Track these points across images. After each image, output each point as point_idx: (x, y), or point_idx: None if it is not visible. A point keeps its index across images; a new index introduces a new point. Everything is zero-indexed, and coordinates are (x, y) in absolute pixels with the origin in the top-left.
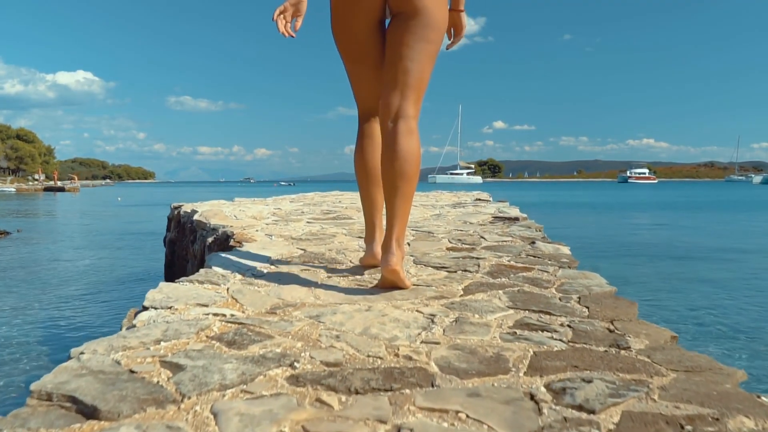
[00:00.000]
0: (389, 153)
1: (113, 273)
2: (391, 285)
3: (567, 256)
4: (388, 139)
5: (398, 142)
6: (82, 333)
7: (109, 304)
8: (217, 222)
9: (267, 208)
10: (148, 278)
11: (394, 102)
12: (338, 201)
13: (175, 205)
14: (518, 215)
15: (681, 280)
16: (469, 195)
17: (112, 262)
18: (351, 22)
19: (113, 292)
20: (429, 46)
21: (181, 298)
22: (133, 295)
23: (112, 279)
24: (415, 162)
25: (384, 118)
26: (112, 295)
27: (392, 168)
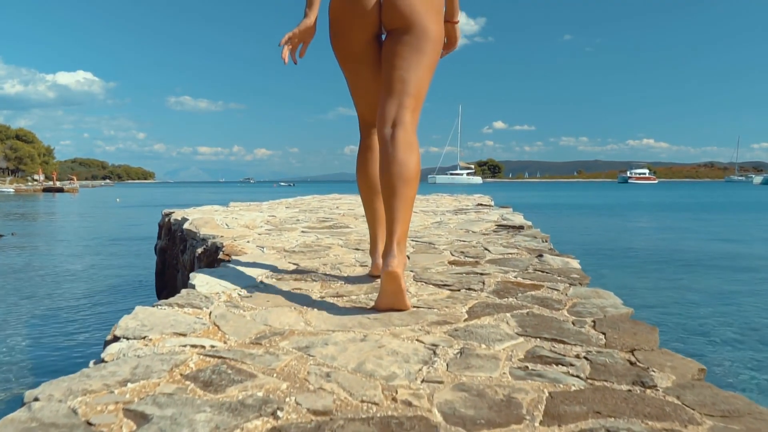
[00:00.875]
0: (387, 159)
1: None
2: (389, 304)
3: (577, 271)
4: (385, 147)
5: (396, 149)
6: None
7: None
8: (207, 232)
9: (261, 215)
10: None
11: (390, 111)
12: (335, 207)
13: (166, 211)
14: (523, 223)
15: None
16: (471, 199)
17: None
18: (348, 36)
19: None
20: (424, 57)
21: (157, 326)
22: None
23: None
24: (414, 167)
25: (381, 126)
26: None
27: (390, 172)
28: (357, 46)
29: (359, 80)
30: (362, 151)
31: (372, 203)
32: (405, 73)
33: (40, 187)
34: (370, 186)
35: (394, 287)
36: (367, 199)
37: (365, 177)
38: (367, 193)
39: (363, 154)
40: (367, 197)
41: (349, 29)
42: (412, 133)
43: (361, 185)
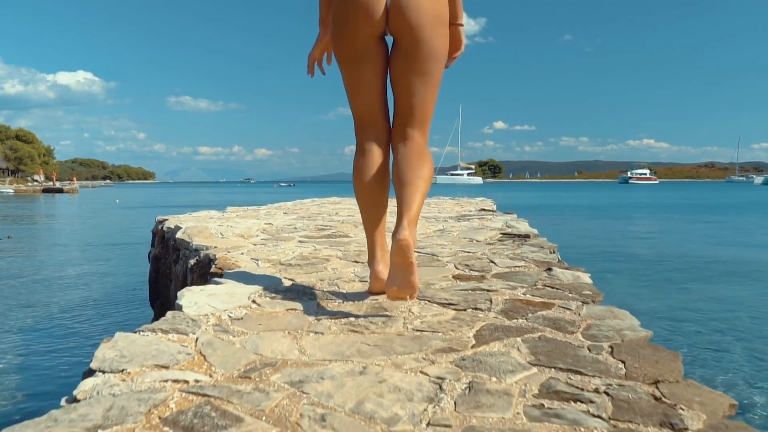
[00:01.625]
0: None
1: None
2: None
3: (589, 287)
4: (397, 157)
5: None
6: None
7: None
8: (200, 242)
9: (257, 223)
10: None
11: (402, 129)
12: (334, 213)
13: (159, 218)
14: (528, 231)
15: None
16: (473, 203)
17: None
18: (353, 37)
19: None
20: (432, 78)
21: (137, 357)
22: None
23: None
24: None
25: (394, 141)
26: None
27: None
28: (361, 47)
29: (360, 82)
30: (359, 154)
31: (369, 208)
32: (415, 99)
33: (39, 187)
34: (367, 191)
35: (403, 261)
36: (364, 204)
37: (362, 182)
38: (364, 198)
39: (359, 159)
40: (364, 202)
41: (354, 31)
42: (424, 145)
43: (357, 190)
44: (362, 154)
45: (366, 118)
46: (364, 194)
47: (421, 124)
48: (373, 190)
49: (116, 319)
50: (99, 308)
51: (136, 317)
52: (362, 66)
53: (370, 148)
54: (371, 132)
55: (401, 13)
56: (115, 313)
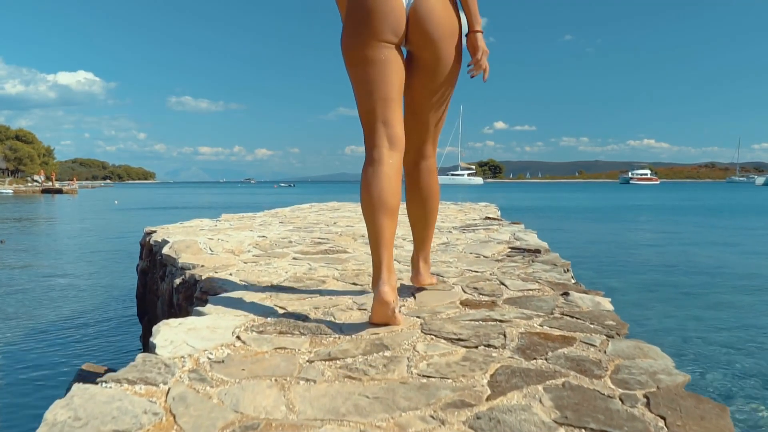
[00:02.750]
0: (415, 191)
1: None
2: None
3: (611, 316)
4: (412, 180)
5: (422, 181)
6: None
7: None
8: (187, 259)
9: (251, 235)
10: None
11: (416, 145)
12: (333, 222)
13: (147, 229)
14: (538, 245)
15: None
16: (476, 209)
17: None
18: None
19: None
20: (449, 89)
21: (93, 420)
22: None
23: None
24: (437, 197)
25: (407, 158)
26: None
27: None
28: (380, 53)
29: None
30: (368, 165)
31: (376, 222)
32: (431, 113)
33: (39, 188)
34: (375, 203)
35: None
36: (372, 219)
37: (370, 194)
38: (372, 208)
39: (368, 169)
40: (371, 216)
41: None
42: (434, 162)
43: (365, 202)
44: (371, 164)
45: (380, 124)
46: (373, 209)
47: (435, 139)
48: (383, 202)
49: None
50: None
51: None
52: (382, 72)
53: (381, 159)
54: (384, 139)
55: (422, 26)
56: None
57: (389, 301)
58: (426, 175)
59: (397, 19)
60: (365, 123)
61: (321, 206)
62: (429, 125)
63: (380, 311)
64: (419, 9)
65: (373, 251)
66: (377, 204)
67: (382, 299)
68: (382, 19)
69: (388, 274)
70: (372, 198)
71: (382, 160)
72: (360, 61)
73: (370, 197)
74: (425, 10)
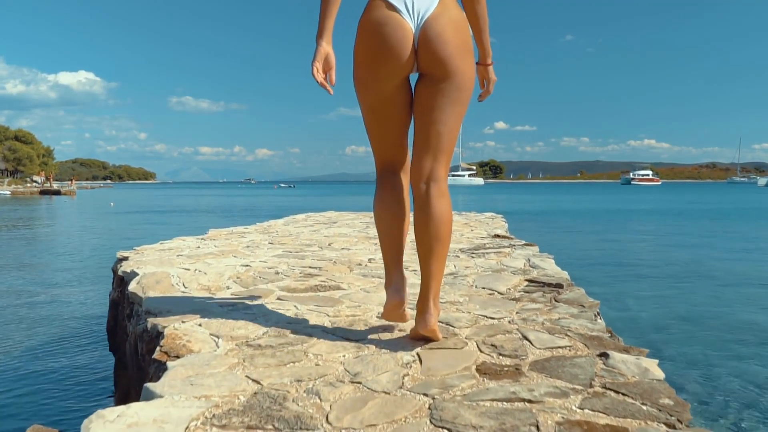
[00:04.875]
0: (424, 216)
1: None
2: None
3: (665, 390)
4: (421, 202)
5: (432, 206)
6: None
7: (10, 414)
8: (153, 300)
9: (234, 263)
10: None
11: (426, 165)
12: (328, 243)
13: (120, 254)
14: (558, 277)
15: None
16: (482, 221)
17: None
18: (379, 80)
19: (24, 389)
20: (460, 108)
21: None
22: (53, 395)
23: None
24: (449, 224)
25: (416, 180)
26: (21, 394)
27: (427, 232)
28: (389, 87)
29: (386, 124)
30: (380, 190)
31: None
32: (442, 127)
33: (37, 189)
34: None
35: (432, 337)
36: (385, 236)
37: (383, 219)
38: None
39: (381, 194)
40: (385, 234)
41: (383, 72)
42: (445, 184)
43: (379, 224)
44: (384, 190)
45: (388, 158)
46: (386, 228)
47: (448, 159)
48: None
49: (69, 372)
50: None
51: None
52: (390, 109)
53: (395, 185)
54: (394, 167)
55: (431, 48)
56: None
57: (401, 302)
58: (437, 199)
59: (407, 49)
60: (375, 150)
61: (317, 217)
62: (440, 146)
63: (392, 313)
64: (427, 33)
65: (385, 260)
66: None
67: (393, 302)
68: (392, 54)
69: (399, 278)
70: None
71: (395, 187)
72: (372, 96)
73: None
74: (433, 33)
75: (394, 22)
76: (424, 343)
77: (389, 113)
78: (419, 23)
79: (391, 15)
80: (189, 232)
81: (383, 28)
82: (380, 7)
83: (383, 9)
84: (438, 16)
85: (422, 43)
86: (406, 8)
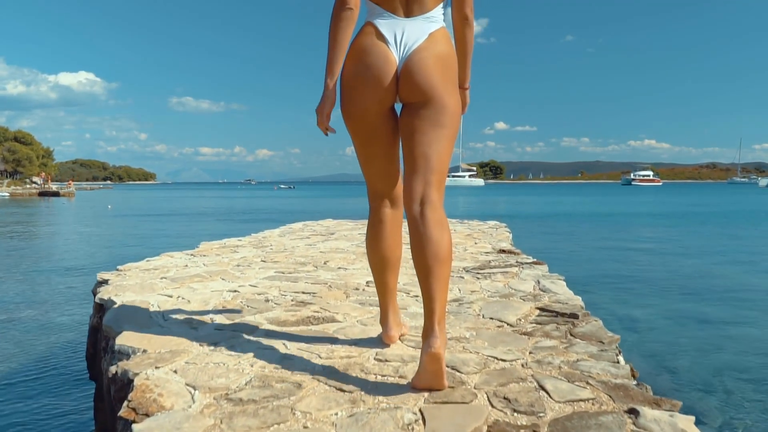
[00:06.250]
0: (419, 240)
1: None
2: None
3: None
4: (416, 227)
5: (428, 229)
6: None
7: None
8: (127, 338)
9: (221, 288)
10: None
11: (417, 189)
12: (323, 261)
13: (101, 276)
14: (572, 305)
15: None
16: (486, 232)
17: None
18: (363, 107)
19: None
20: (444, 130)
21: None
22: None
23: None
24: (447, 246)
25: (408, 203)
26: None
27: (424, 255)
28: (372, 116)
29: (373, 151)
30: (372, 224)
31: (382, 276)
32: (427, 149)
33: (36, 190)
34: (382, 259)
35: (435, 368)
36: (378, 273)
37: (376, 250)
38: (378, 266)
39: (374, 227)
40: (377, 270)
41: (365, 100)
42: (441, 209)
43: (371, 258)
44: (377, 223)
45: (381, 186)
46: (379, 262)
47: (439, 182)
48: (388, 258)
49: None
50: (23, 388)
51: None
52: (375, 137)
53: (385, 218)
54: (385, 199)
55: (410, 79)
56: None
57: (395, 339)
58: (431, 221)
59: (388, 79)
60: (367, 180)
61: (314, 226)
62: (429, 168)
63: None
64: (408, 65)
65: (380, 296)
66: (384, 262)
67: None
68: (373, 83)
69: (394, 317)
70: (378, 256)
71: (386, 220)
72: (356, 125)
73: (377, 256)
74: (414, 65)
75: (379, 51)
76: (426, 397)
77: (374, 141)
78: (404, 55)
79: (378, 44)
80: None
81: (367, 57)
82: (370, 34)
83: (372, 37)
84: (423, 49)
85: (403, 74)
86: (394, 39)
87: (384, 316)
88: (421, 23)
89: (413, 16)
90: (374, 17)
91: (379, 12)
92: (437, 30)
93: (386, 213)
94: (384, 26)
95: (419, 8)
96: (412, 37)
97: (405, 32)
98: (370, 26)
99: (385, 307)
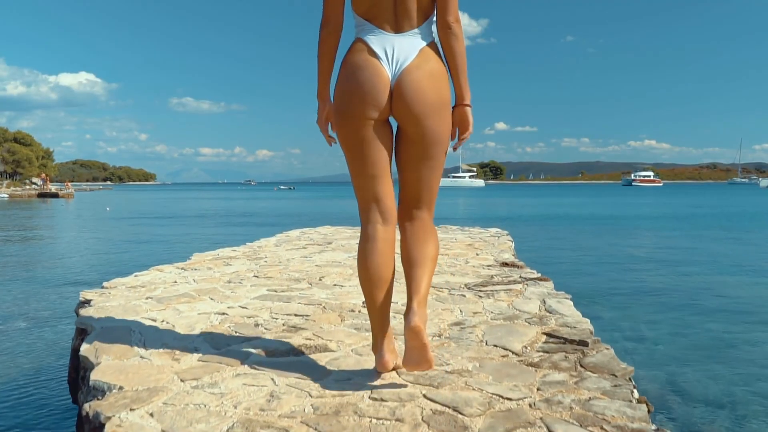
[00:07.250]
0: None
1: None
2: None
3: None
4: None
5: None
6: None
7: None
8: (102, 373)
9: (210, 310)
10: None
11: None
12: (320, 275)
13: (84, 296)
14: (583, 330)
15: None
16: (487, 239)
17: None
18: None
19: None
20: (437, 162)
21: None
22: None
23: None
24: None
25: (401, 220)
26: None
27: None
28: (365, 131)
29: (366, 165)
30: (363, 242)
31: (373, 295)
32: (421, 182)
33: (35, 191)
34: (372, 279)
35: (417, 343)
36: (369, 292)
37: (366, 269)
38: (369, 285)
39: (364, 246)
40: (368, 291)
41: (358, 116)
42: (430, 222)
43: (362, 277)
44: (367, 241)
45: (371, 200)
46: (369, 281)
47: (429, 204)
48: (379, 278)
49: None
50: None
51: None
52: (367, 150)
53: (376, 236)
54: (377, 215)
55: (405, 101)
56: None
57: (389, 366)
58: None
59: (382, 96)
60: (358, 197)
61: (312, 234)
62: (421, 192)
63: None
64: (402, 85)
65: (372, 322)
66: (374, 280)
67: (384, 364)
68: (366, 99)
69: (387, 342)
70: (369, 274)
71: (377, 237)
72: (348, 140)
73: (368, 274)
74: (408, 86)
75: (372, 67)
76: None
77: (367, 155)
78: (397, 72)
79: (370, 60)
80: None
81: (361, 72)
82: (362, 50)
83: (364, 53)
84: (416, 67)
85: (396, 94)
86: (385, 55)
87: (375, 341)
88: (411, 39)
89: (403, 32)
90: (364, 33)
91: (369, 28)
92: (427, 45)
93: (378, 230)
94: (374, 42)
95: (409, 24)
96: (402, 53)
97: (395, 48)
98: (360, 43)
99: (376, 331)
